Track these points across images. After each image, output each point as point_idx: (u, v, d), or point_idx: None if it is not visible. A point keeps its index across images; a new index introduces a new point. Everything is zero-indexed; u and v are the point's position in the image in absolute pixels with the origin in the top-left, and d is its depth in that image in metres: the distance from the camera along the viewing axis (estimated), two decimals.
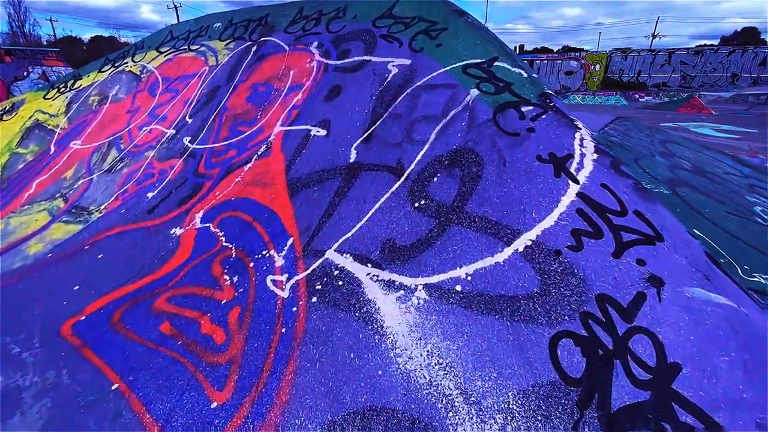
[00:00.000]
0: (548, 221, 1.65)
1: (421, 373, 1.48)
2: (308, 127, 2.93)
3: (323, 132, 2.82)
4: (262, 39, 4.10)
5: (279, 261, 2.20)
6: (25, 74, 18.72)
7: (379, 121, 2.60)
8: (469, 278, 1.66)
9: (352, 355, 1.63)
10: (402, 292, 1.76)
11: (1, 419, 1.80)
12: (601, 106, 22.31)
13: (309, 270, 2.06)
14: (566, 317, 1.40)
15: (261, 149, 3.05)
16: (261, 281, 2.13)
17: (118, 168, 3.89)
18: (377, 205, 2.19)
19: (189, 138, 3.70)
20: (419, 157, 2.26)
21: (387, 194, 2.21)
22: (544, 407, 1.26)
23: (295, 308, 1.91)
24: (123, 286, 2.45)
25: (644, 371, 1.22)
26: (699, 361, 1.22)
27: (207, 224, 2.71)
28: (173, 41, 5.27)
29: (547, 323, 1.41)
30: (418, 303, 1.69)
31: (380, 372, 1.54)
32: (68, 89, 5.63)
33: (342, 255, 2.05)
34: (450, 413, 1.35)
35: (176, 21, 42.17)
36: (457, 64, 2.50)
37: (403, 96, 2.60)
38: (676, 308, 1.31)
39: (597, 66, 29.93)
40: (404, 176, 2.23)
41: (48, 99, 5.68)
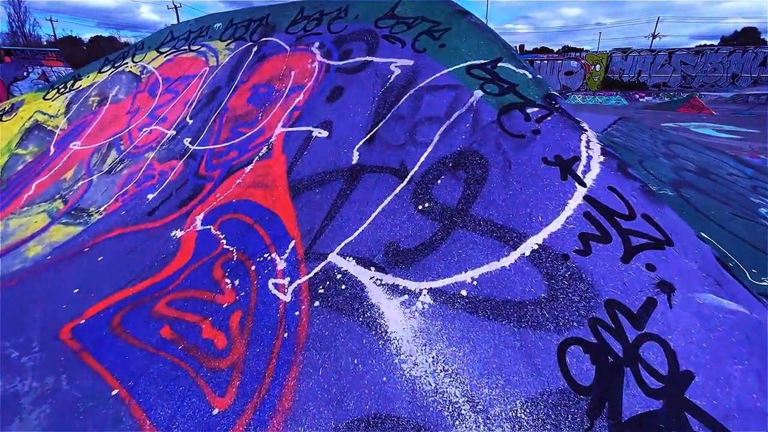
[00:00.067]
0: (555, 225, 1.63)
1: (427, 380, 1.45)
2: (310, 129, 2.91)
3: (325, 133, 2.80)
4: (263, 39, 4.08)
5: (281, 264, 2.17)
6: (25, 74, 18.69)
7: (382, 123, 2.58)
8: (475, 283, 1.63)
9: (356, 361, 1.60)
10: (406, 297, 1.73)
11: (0, 426, 1.77)
12: (602, 107, 22.28)
13: (311, 273, 2.04)
14: (575, 323, 1.37)
15: (262, 151, 3.03)
16: (263, 285, 2.11)
17: (118, 169, 3.87)
18: (380, 208, 2.16)
19: (189, 139, 3.67)
20: (423, 159, 2.23)
21: (390, 197, 2.18)
22: (553, 416, 1.23)
23: (298, 312, 1.88)
24: (123, 290, 2.43)
25: (656, 380, 1.20)
26: (711, 369, 1.19)
27: (208, 226, 2.68)
28: (173, 41, 5.24)
29: (555, 329, 1.38)
30: (423, 308, 1.66)
31: (385, 378, 1.51)
32: (68, 90, 5.60)
33: (345, 258, 2.03)
34: (457, 421, 1.32)
35: (176, 21, 42.15)
36: (461, 65, 2.47)
37: (406, 97, 2.58)
38: (688, 315, 1.29)
39: (597, 66, 29.92)
40: (407, 178, 2.20)
41: (47, 100, 5.65)
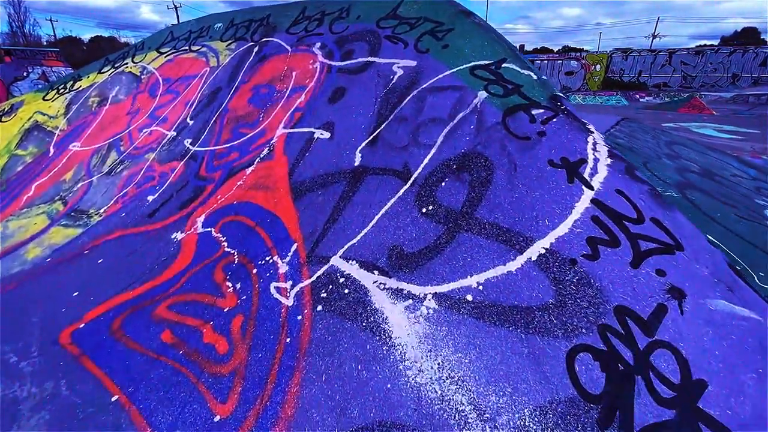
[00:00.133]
0: (562, 229, 1.60)
1: (432, 387, 1.43)
2: (312, 130, 2.88)
3: (327, 135, 2.77)
4: (264, 40, 4.05)
5: (283, 267, 2.15)
6: (25, 74, 18.66)
7: (385, 124, 2.55)
8: (481, 288, 1.60)
9: (360, 367, 1.58)
10: (410, 302, 1.71)
11: None
12: (602, 107, 22.26)
13: (314, 277, 2.01)
14: (583, 330, 1.35)
15: (263, 152, 3.00)
16: (264, 288, 2.08)
17: (118, 170, 3.84)
18: (383, 210, 2.14)
19: (190, 140, 3.64)
20: (426, 161, 2.21)
21: (393, 199, 2.16)
22: (563, 425, 1.21)
23: (300, 317, 1.86)
24: (123, 293, 2.40)
25: (668, 388, 1.17)
26: (725, 378, 1.17)
27: (209, 229, 2.66)
28: (174, 42, 5.22)
29: (564, 336, 1.36)
30: (428, 313, 1.63)
31: (389, 385, 1.49)
32: (68, 90, 5.57)
33: (348, 262, 2.00)
34: (463, 430, 1.30)
35: (176, 21, 42.13)
36: (464, 66, 2.44)
37: (409, 98, 2.55)
38: (699, 322, 1.26)
39: (597, 66, 29.89)
40: (411, 181, 2.18)
41: (47, 100, 5.62)
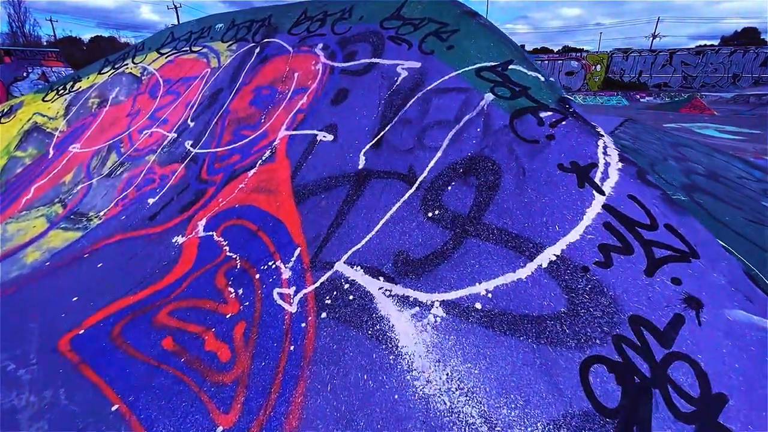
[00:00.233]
0: (573, 235, 1.56)
1: (441, 399, 1.39)
2: (314, 132, 2.84)
3: (330, 137, 2.74)
4: (266, 40, 4.01)
5: (286, 273, 2.11)
6: (25, 75, 18.62)
7: (389, 126, 2.51)
8: (490, 295, 1.57)
9: (366, 377, 1.54)
10: (417, 309, 1.67)
11: None
12: (603, 107, 22.22)
13: (318, 283, 1.97)
14: (597, 340, 1.31)
15: (265, 154, 2.96)
16: (267, 294, 2.04)
17: (118, 172, 3.80)
18: (388, 215, 2.10)
19: (191, 142, 3.61)
20: (432, 165, 2.17)
21: (398, 203, 2.12)
22: None
23: (304, 324, 1.82)
24: (123, 298, 2.36)
25: (687, 402, 1.13)
26: (746, 392, 1.13)
27: (210, 233, 2.62)
28: (174, 42, 5.18)
29: (577, 346, 1.32)
30: (435, 321, 1.60)
31: (396, 396, 1.45)
32: (67, 91, 5.54)
33: (352, 267, 1.97)
34: None
35: (176, 21, 42.09)
36: (470, 67, 2.40)
37: (414, 100, 2.51)
38: (718, 333, 1.22)
39: (598, 66, 29.84)
40: (416, 184, 2.14)
41: (47, 101, 5.59)
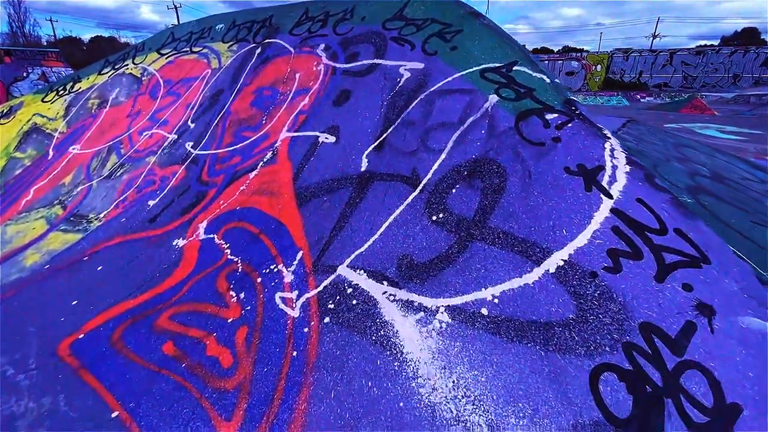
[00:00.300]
0: (581, 239, 1.54)
1: (447, 407, 1.36)
2: (316, 134, 2.82)
3: (332, 139, 2.71)
4: (267, 41, 3.99)
5: (288, 276, 2.08)
6: (25, 75, 18.59)
7: (392, 128, 2.49)
8: (496, 301, 1.54)
9: (370, 384, 1.51)
10: (422, 314, 1.64)
11: None
12: (603, 107, 22.19)
13: (320, 287, 1.95)
14: (607, 348, 1.28)
15: (267, 156, 2.94)
16: (269, 298, 2.02)
17: (118, 174, 3.77)
18: (392, 218, 2.07)
19: (191, 143, 3.58)
20: (436, 167, 2.14)
21: (402, 206, 2.09)
22: None
23: (307, 329, 1.79)
24: (123, 302, 2.34)
25: (700, 412, 1.11)
26: (760, 402, 1.10)
27: (211, 235, 2.59)
28: (175, 43, 5.15)
29: (586, 354, 1.29)
30: (441, 327, 1.57)
31: (402, 404, 1.42)
32: (67, 92, 5.51)
33: (355, 271, 1.94)
34: None
35: (176, 21, 42.06)
36: (474, 69, 2.38)
37: (417, 102, 2.49)
38: (731, 341, 1.20)
39: (598, 66, 29.81)
40: (420, 187, 2.11)
41: (46, 102, 5.56)
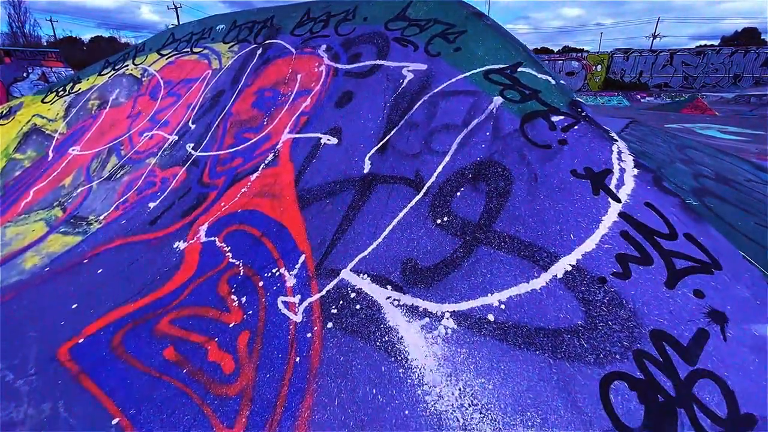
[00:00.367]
0: (589, 244, 1.51)
1: (454, 416, 1.34)
2: (318, 135, 2.79)
3: (334, 140, 2.69)
4: (268, 42, 3.96)
5: (290, 280, 2.06)
6: (25, 75, 18.56)
7: (395, 130, 2.46)
8: (503, 306, 1.52)
9: (375, 391, 1.49)
10: (427, 320, 1.62)
11: None
12: (604, 107, 22.16)
13: (323, 291, 1.92)
14: (617, 356, 1.26)
15: (268, 158, 2.91)
16: (272, 303, 1.99)
17: (119, 175, 3.75)
18: (395, 221, 2.05)
19: (192, 145, 3.56)
20: (440, 170, 2.12)
21: (406, 209, 2.07)
22: None
23: (310, 335, 1.77)
24: (123, 305, 2.31)
25: (714, 423, 1.08)
26: None
27: (212, 238, 2.57)
28: (175, 43, 5.13)
29: (596, 362, 1.27)
30: (446, 333, 1.55)
31: (407, 412, 1.40)
32: (67, 93, 5.49)
33: (359, 275, 1.92)
34: None
35: (176, 22, 42.04)
36: (478, 70, 2.36)
37: (420, 103, 2.46)
38: (745, 349, 1.17)
39: (599, 66, 29.77)
40: (424, 190, 2.09)
41: (46, 103, 5.53)
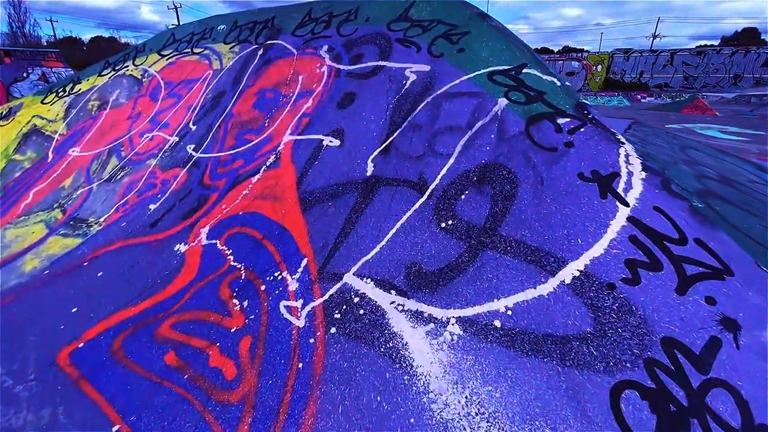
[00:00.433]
0: (597, 249, 1.49)
1: (461, 424, 1.31)
2: (320, 137, 2.77)
3: (337, 142, 2.66)
4: (269, 42, 3.94)
5: (293, 284, 2.03)
6: (25, 75, 18.52)
7: (398, 132, 2.44)
8: (510, 312, 1.49)
9: (379, 399, 1.46)
10: (432, 326, 1.59)
11: None
12: (604, 107, 22.13)
13: (326, 296, 1.90)
14: (628, 364, 1.23)
15: (270, 159, 2.89)
16: (274, 307, 1.97)
17: (119, 177, 3.73)
18: (399, 224, 2.03)
19: (193, 146, 3.53)
20: (444, 172, 2.10)
21: (409, 212, 2.04)
22: None
23: (313, 340, 1.74)
24: (124, 309, 2.29)
25: None
26: None
27: (213, 240, 2.54)
28: (176, 44, 5.10)
29: (606, 370, 1.25)
30: (452, 339, 1.52)
31: (412, 420, 1.38)
32: (67, 93, 5.46)
33: (362, 279, 1.89)
34: None
35: (177, 22, 42.01)
36: (482, 71, 2.33)
37: (423, 105, 2.44)
38: (758, 358, 1.15)
39: (599, 66, 29.73)
40: (428, 193, 2.06)
41: (46, 104, 5.51)
